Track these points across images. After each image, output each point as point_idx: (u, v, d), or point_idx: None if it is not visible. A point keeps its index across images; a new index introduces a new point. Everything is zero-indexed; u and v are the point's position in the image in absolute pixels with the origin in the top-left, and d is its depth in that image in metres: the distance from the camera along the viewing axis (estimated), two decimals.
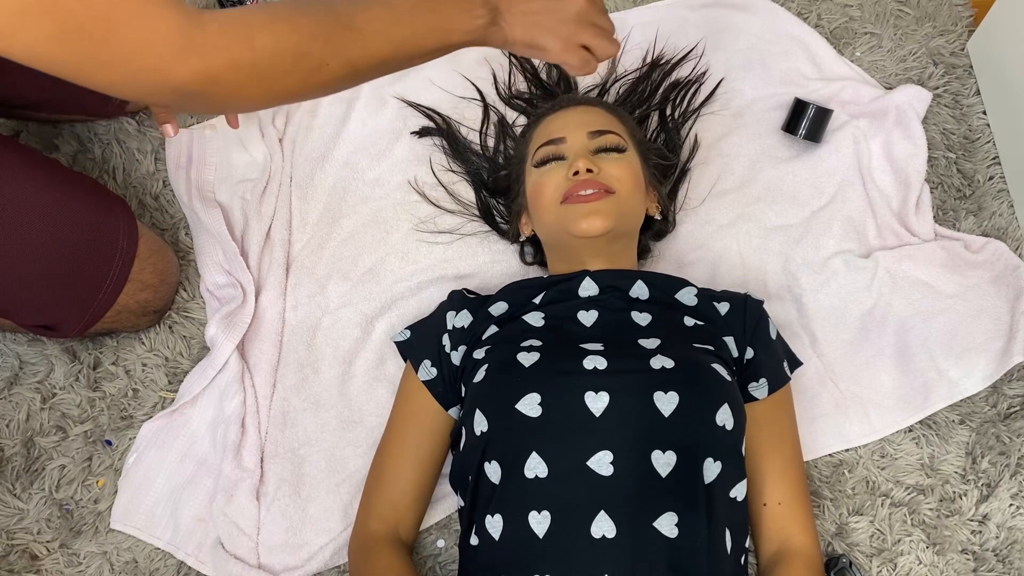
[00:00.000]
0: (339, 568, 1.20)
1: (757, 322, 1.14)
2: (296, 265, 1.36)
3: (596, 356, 1.04)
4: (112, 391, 1.29)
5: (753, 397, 1.13)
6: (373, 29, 0.89)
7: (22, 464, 1.25)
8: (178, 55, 0.78)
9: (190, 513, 1.22)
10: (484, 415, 1.04)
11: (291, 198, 1.39)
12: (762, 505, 1.11)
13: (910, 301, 1.30)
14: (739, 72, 1.47)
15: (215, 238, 1.32)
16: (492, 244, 1.36)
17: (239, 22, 0.81)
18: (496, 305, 1.16)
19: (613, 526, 0.96)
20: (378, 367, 1.29)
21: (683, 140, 1.40)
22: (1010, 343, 1.26)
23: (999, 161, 1.43)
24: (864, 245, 1.36)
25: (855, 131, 1.41)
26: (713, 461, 1.02)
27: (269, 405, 1.27)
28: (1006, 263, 1.32)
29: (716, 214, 1.38)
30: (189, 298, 1.34)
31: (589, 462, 0.98)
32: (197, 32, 0.78)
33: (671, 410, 1.00)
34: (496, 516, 1.01)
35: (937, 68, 1.48)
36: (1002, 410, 1.27)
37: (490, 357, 1.08)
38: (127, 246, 1.20)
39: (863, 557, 1.20)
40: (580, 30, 1.00)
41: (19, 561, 1.21)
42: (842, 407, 1.26)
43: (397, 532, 1.11)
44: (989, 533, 1.21)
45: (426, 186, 1.39)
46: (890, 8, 1.52)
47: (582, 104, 1.25)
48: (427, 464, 1.14)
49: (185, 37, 0.78)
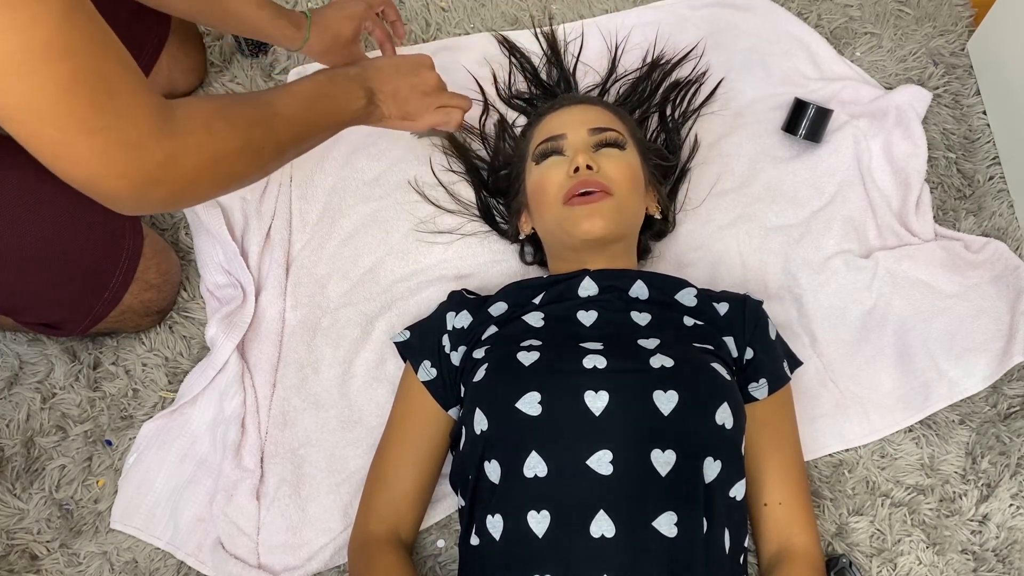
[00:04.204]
0: (339, 568, 1.20)
1: (757, 322, 1.14)
2: (296, 265, 1.36)
3: (596, 355, 1.04)
4: (112, 391, 1.29)
5: (753, 397, 1.13)
6: (291, 113, 0.98)
7: (22, 464, 1.25)
8: (155, 134, 0.78)
9: (190, 513, 1.22)
10: (484, 414, 1.04)
11: (291, 198, 1.39)
12: (763, 505, 1.11)
13: (910, 301, 1.30)
14: (739, 72, 1.47)
15: (215, 238, 1.32)
16: (492, 244, 1.36)
17: (197, 109, 0.85)
18: (496, 305, 1.16)
19: (612, 526, 0.96)
20: (378, 367, 1.29)
21: (683, 140, 1.40)
22: (1010, 343, 1.26)
23: (999, 161, 1.43)
24: (864, 245, 1.36)
25: (855, 131, 1.41)
26: (713, 460, 1.02)
27: (269, 405, 1.27)
28: (1006, 263, 1.32)
29: (716, 214, 1.38)
30: (189, 298, 1.34)
31: (589, 461, 0.98)
32: (168, 116, 0.80)
33: (670, 409, 1.00)
34: (496, 516, 1.01)
35: (937, 68, 1.48)
36: (1002, 410, 1.27)
37: (490, 356, 1.08)
38: (132, 246, 1.20)
39: (863, 557, 1.20)
40: (440, 96, 1.20)
41: (19, 561, 1.21)
42: (842, 407, 1.26)
43: (397, 532, 1.11)
44: (989, 533, 1.21)
45: (426, 186, 1.39)
46: (890, 8, 1.52)
47: (583, 103, 1.25)
48: (427, 464, 1.14)
49: (162, 118, 0.79)
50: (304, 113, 1.00)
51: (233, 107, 0.90)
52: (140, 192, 0.80)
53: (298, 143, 1.01)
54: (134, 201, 0.80)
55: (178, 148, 0.80)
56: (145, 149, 0.78)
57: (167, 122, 0.79)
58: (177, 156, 0.81)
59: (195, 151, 0.83)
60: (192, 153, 0.82)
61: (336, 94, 1.07)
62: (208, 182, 0.87)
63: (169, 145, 0.80)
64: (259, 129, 0.93)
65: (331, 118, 1.06)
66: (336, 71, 1.10)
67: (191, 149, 0.82)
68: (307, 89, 1.03)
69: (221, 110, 0.88)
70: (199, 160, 0.83)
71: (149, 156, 0.78)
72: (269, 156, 0.95)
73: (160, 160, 0.79)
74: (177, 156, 0.81)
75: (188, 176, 0.83)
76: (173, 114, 0.80)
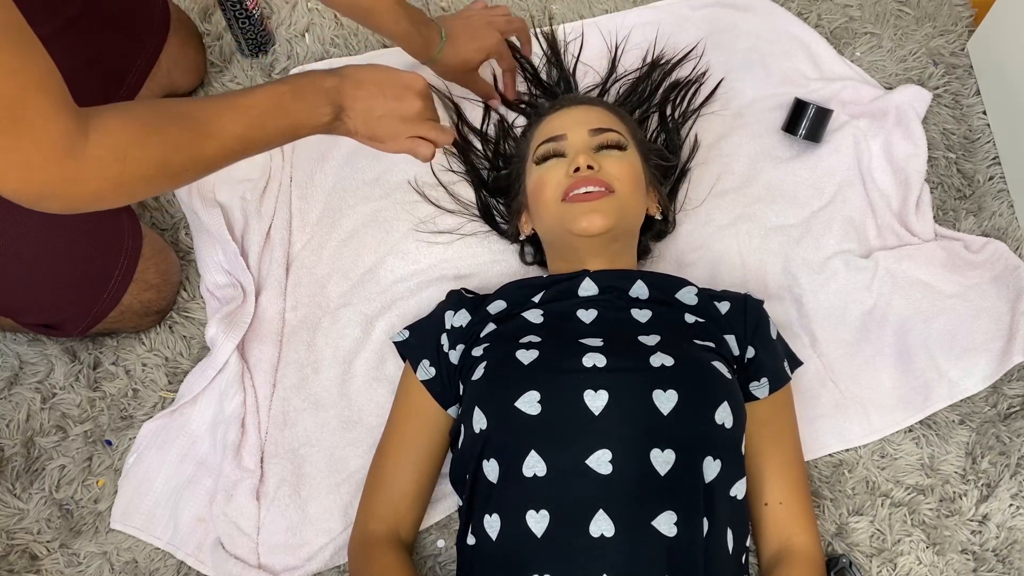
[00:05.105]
0: (339, 568, 1.20)
1: (758, 321, 1.14)
2: (296, 265, 1.36)
3: (595, 353, 1.04)
4: (112, 391, 1.29)
5: (754, 396, 1.13)
6: (229, 133, 0.96)
7: (22, 464, 1.25)
8: (58, 157, 0.81)
9: (190, 513, 1.22)
10: (483, 413, 1.04)
11: (291, 198, 1.39)
12: (763, 505, 1.11)
13: (910, 301, 1.30)
14: (739, 72, 1.47)
15: (215, 238, 1.32)
16: (492, 244, 1.36)
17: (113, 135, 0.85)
18: (494, 304, 1.16)
19: (612, 525, 0.96)
20: (378, 367, 1.29)
21: (683, 140, 1.40)
22: (1010, 343, 1.26)
23: (999, 161, 1.43)
24: (864, 245, 1.36)
25: (855, 131, 1.41)
26: (713, 459, 1.01)
27: (269, 405, 1.27)
28: (1006, 263, 1.32)
29: (716, 214, 1.38)
30: (189, 298, 1.34)
31: (588, 461, 0.98)
32: (80, 141, 0.82)
33: (670, 408, 1.00)
34: (494, 515, 1.01)
35: (937, 68, 1.48)
36: (1002, 410, 1.27)
37: (489, 355, 1.08)
38: (131, 246, 1.20)
39: (863, 557, 1.20)
40: (418, 126, 1.11)
41: (19, 561, 1.21)
42: (842, 407, 1.26)
43: (397, 532, 1.11)
44: (989, 533, 1.21)
45: (426, 186, 1.39)
46: (890, 8, 1.52)
47: (584, 103, 1.25)
48: (426, 464, 1.14)
49: (70, 142, 0.81)
50: (246, 132, 0.98)
51: (155, 134, 0.89)
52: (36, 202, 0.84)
53: (231, 160, 0.99)
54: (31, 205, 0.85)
55: (80, 171, 0.83)
56: (44, 170, 0.81)
57: (74, 146, 0.82)
58: (78, 179, 0.84)
59: (97, 175, 0.85)
60: (94, 178, 0.85)
61: (296, 110, 1.02)
62: (111, 200, 0.90)
63: (71, 168, 0.82)
64: (180, 155, 0.92)
65: (281, 134, 1.03)
66: (310, 80, 1.05)
67: (93, 174, 0.84)
68: (260, 104, 0.99)
69: (140, 137, 0.88)
70: (101, 184, 0.86)
71: (48, 176, 0.82)
72: (189, 177, 0.96)
73: (59, 180, 0.83)
74: (78, 179, 0.84)
75: (89, 193, 0.86)
76: (85, 137, 0.83)
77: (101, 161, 0.84)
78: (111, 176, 0.86)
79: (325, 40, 1.50)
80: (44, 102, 0.79)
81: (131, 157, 0.87)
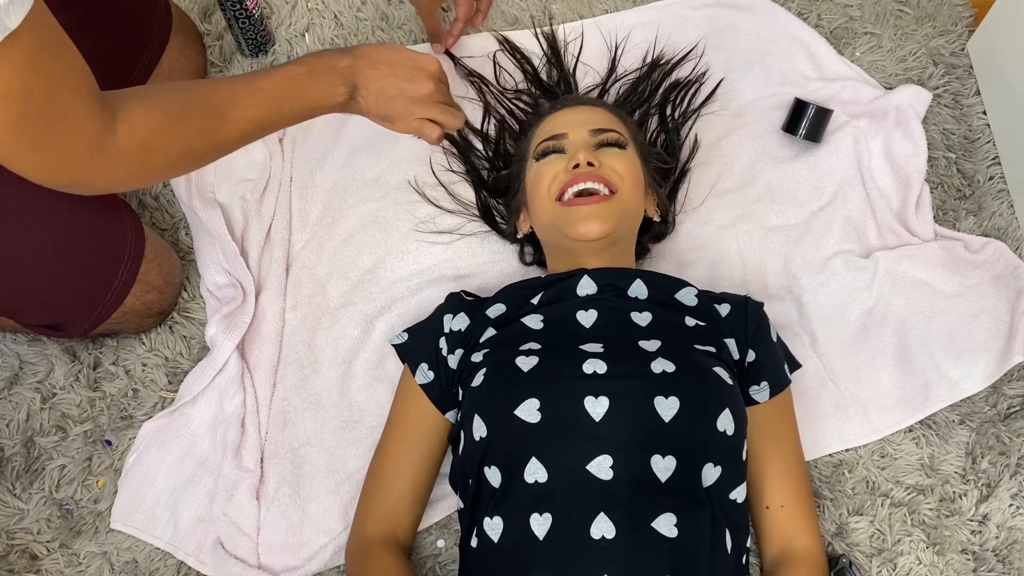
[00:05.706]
0: (339, 568, 1.20)
1: (758, 325, 1.14)
2: (296, 265, 1.36)
3: (596, 359, 1.03)
4: (112, 391, 1.29)
5: (754, 400, 1.12)
6: (247, 117, 1.01)
7: (22, 464, 1.25)
8: (88, 151, 0.88)
9: (190, 513, 1.22)
10: (483, 421, 1.03)
11: (291, 198, 1.39)
12: (764, 508, 1.11)
13: (910, 301, 1.30)
14: (739, 72, 1.47)
15: (215, 238, 1.32)
16: (492, 244, 1.36)
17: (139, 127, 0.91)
18: (494, 307, 1.16)
19: (612, 527, 0.96)
20: (378, 367, 1.29)
21: (683, 140, 1.40)
22: (1010, 343, 1.26)
23: (999, 161, 1.43)
24: (864, 245, 1.35)
25: (855, 131, 1.41)
26: (713, 466, 1.01)
27: (269, 405, 1.27)
28: (1006, 263, 1.32)
29: (716, 214, 1.38)
30: (189, 298, 1.34)
31: (589, 466, 0.98)
32: (108, 137, 0.88)
33: (672, 415, 1.00)
34: (496, 518, 1.01)
35: (937, 68, 1.48)
36: (1002, 410, 1.27)
37: (488, 361, 1.08)
38: (134, 248, 1.20)
39: (863, 557, 1.20)
40: (428, 108, 1.13)
41: (19, 561, 1.21)
42: (842, 407, 1.26)
43: (395, 535, 1.11)
44: (989, 533, 1.21)
45: (426, 186, 1.39)
46: (890, 8, 1.52)
47: (585, 104, 1.25)
48: (424, 467, 1.14)
49: (99, 137, 0.88)
50: (264, 115, 1.02)
51: (178, 123, 0.95)
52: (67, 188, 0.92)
53: (248, 141, 1.04)
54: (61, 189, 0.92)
55: (108, 162, 0.90)
56: (77, 163, 0.89)
57: (103, 141, 0.88)
58: (106, 169, 0.91)
59: (123, 165, 0.92)
60: (120, 167, 0.92)
61: (312, 90, 1.06)
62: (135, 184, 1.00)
63: (100, 159, 0.89)
64: (201, 141, 0.98)
65: (297, 115, 1.07)
66: (326, 60, 1.08)
67: (120, 164, 0.91)
68: (278, 87, 1.03)
69: (164, 128, 0.93)
70: (127, 171, 0.93)
71: (80, 168, 0.89)
72: (210, 159, 1.03)
73: (90, 170, 0.90)
74: (106, 169, 0.91)
75: (116, 180, 0.95)
76: (113, 131, 0.89)
77: (127, 152, 0.90)
78: (136, 164, 0.92)
79: (325, 40, 1.50)
80: (79, 102, 0.85)
81: (155, 148, 0.93)
